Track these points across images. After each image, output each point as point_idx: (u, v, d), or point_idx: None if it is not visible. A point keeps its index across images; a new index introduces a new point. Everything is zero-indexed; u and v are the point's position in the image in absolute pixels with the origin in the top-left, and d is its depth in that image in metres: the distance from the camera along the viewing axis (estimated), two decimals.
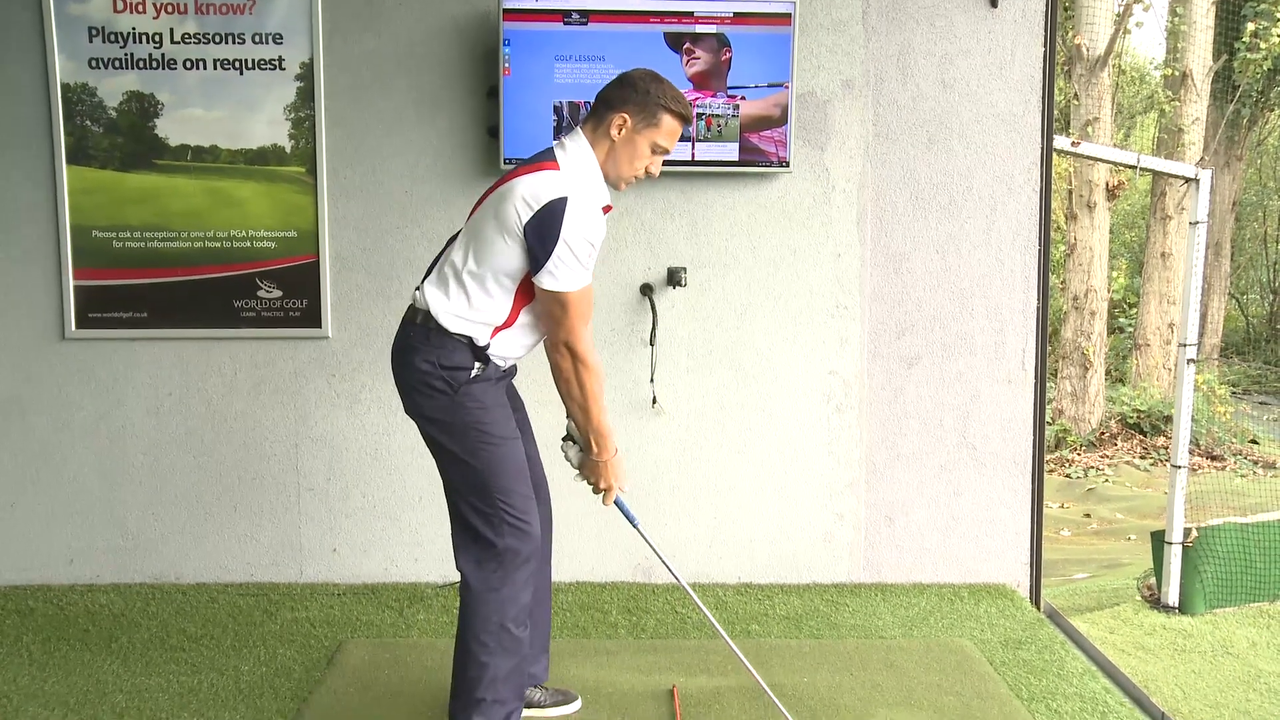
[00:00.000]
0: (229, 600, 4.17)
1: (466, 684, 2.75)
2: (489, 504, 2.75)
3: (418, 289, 2.83)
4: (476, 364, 2.75)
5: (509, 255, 2.68)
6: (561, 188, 2.64)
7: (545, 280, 2.65)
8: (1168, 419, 11.14)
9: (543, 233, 2.62)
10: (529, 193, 2.64)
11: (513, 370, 2.93)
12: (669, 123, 2.76)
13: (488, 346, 2.76)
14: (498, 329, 2.76)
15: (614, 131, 2.76)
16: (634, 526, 3.01)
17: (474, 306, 2.73)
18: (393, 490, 4.32)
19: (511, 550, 2.75)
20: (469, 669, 2.75)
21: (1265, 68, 13.23)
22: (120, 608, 4.08)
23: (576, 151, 2.76)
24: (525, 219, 2.63)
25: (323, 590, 4.28)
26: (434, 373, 2.74)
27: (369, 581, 4.36)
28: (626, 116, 2.75)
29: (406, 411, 2.84)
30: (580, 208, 2.64)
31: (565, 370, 2.77)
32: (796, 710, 3.20)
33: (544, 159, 2.75)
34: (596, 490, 2.93)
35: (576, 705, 3.22)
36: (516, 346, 2.84)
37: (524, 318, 2.80)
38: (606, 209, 2.78)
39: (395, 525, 4.34)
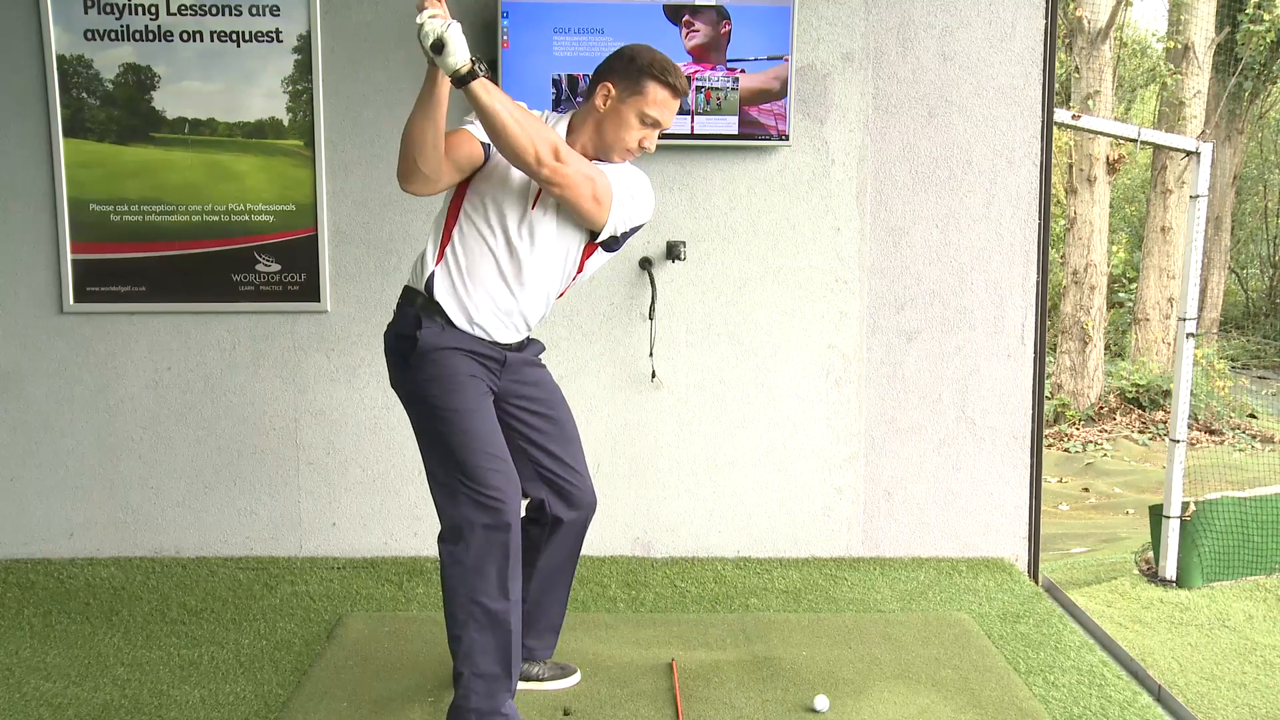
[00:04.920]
0: (229, 574, 4.18)
1: (451, 656, 2.77)
2: (446, 476, 2.73)
3: None
4: (418, 330, 2.72)
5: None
6: None
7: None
8: (1166, 393, 11.16)
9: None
10: None
11: (495, 351, 2.82)
12: (655, 91, 2.73)
13: (431, 287, 2.73)
14: (439, 255, 2.75)
15: (600, 101, 2.75)
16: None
17: (425, 245, 2.80)
18: (392, 464, 4.32)
19: (468, 522, 2.69)
20: (449, 642, 2.76)
21: (1268, 40, 13.18)
22: (121, 581, 4.10)
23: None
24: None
25: (322, 564, 4.29)
26: (392, 344, 2.81)
27: (368, 555, 4.37)
28: (611, 85, 2.74)
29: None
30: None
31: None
32: (795, 684, 3.21)
33: None
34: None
35: (575, 679, 3.23)
36: (466, 289, 2.74)
37: (461, 237, 2.75)
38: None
39: (394, 499, 4.35)
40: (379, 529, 4.37)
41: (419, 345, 2.72)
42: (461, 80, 2.48)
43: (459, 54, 2.44)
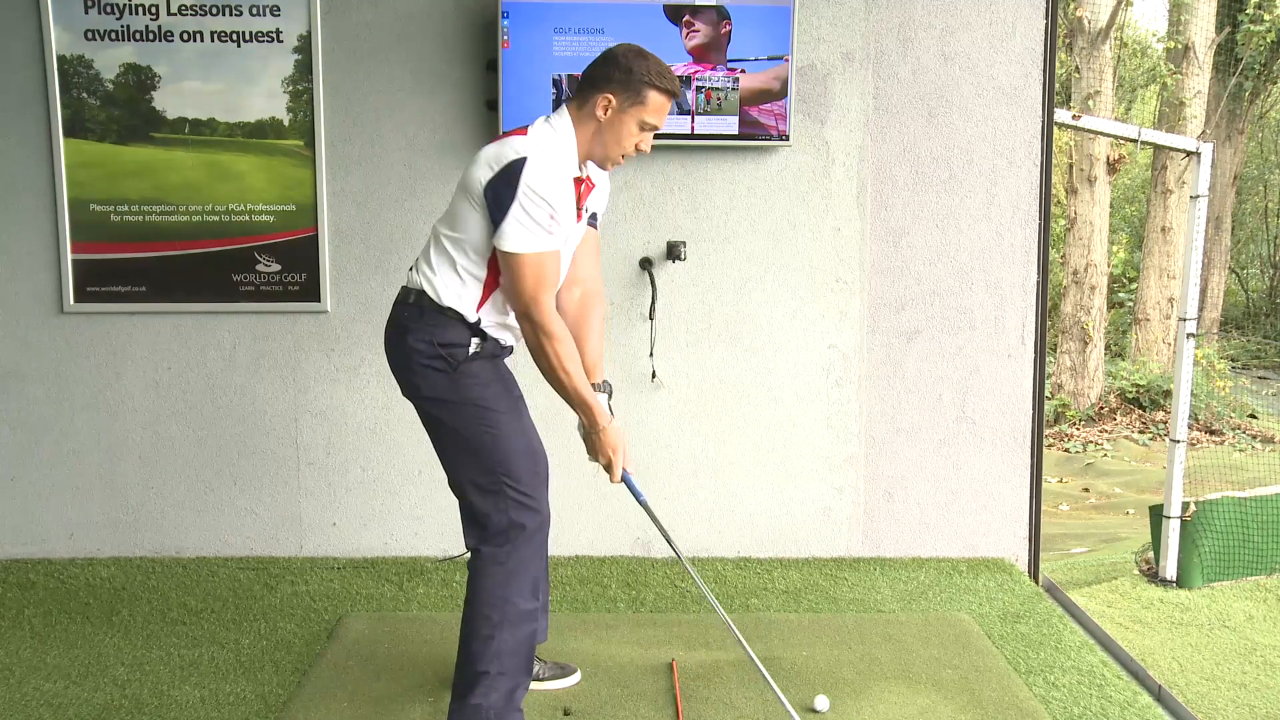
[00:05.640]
0: (229, 574, 4.18)
1: (471, 656, 2.75)
2: (492, 480, 2.75)
3: (411, 268, 2.83)
4: (474, 340, 2.75)
5: (475, 222, 2.68)
6: (522, 150, 2.63)
7: (501, 241, 2.62)
8: (1167, 394, 11.16)
9: (499, 193, 2.61)
10: (492, 156, 2.66)
11: (511, 349, 2.92)
12: (655, 99, 2.72)
13: (479, 321, 2.76)
14: (481, 301, 2.75)
15: (600, 112, 2.72)
16: (640, 503, 2.97)
17: (458, 278, 2.74)
18: (392, 464, 4.32)
19: (516, 525, 2.75)
20: (474, 642, 2.75)
21: (1269, 40, 13.18)
22: (121, 581, 4.09)
23: (556, 124, 2.76)
24: (485, 181, 2.63)
25: (322, 564, 4.29)
26: (430, 351, 2.74)
27: (368, 555, 4.37)
28: (611, 96, 2.71)
29: (404, 393, 2.85)
30: (538, 167, 2.61)
31: (530, 341, 2.72)
32: (795, 684, 3.21)
33: (518, 129, 2.76)
34: (606, 467, 2.90)
35: (576, 678, 3.23)
36: (506, 320, 2.83)
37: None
38: (580, 181, 2.78)
39: (395, 499, 4.35)
40: (379, 529, 4.37)
41: (483, 351, 2.76)
42: None
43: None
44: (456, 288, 2.74)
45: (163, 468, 4.31)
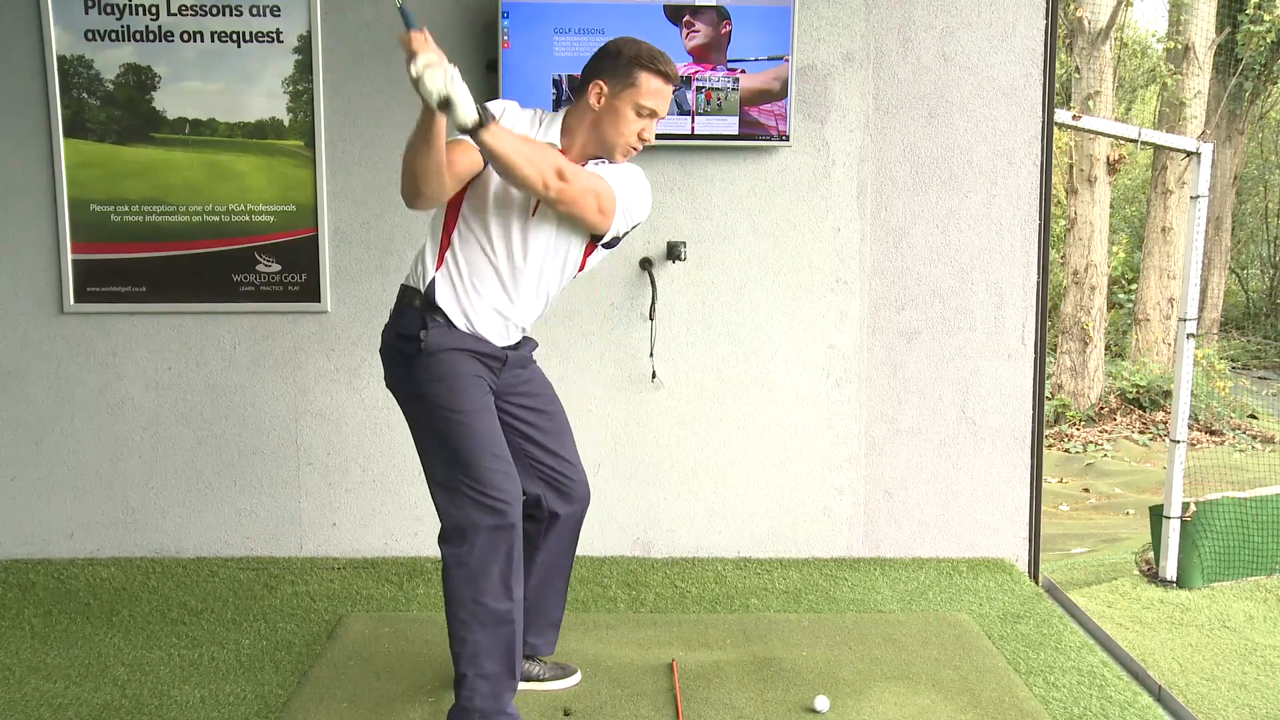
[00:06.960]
0: (229, 574, 4.18)
1: (454, 659, 2.77)
2: (449, 477, 2.74)
3: None
4: (422, 331, 2.72)
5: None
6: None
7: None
8: (1167, 394, 11.15)
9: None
10: None
11: (497, 351, 2.82)
12: (647, 80, 2.71)
13: (432, 292, 2.72)
14: (439, 260, 2.74)
15: (594, 100, 2.73)
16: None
17: (424, 247, 2.79)
18: (392, 464, 4.32)
19: (472, 524, 2.70)
20: (453, 644, 2.76)
21: (1269, 40, 13.19)
22: (121, 581, 4.09)
23: (549, 114, 2.83)
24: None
25: (322, 564, 4.29)
26: (393, 344, 2.80)
27: (369, 555, 4.37)
28: (602, 82, 2.72)
29: (386, 384, 2.91)
30: (501, 101, 2.76)
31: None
32: (795, 684, 3.21)
33: None
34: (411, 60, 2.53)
35: (575, 679, 3.22)
36: (467, 294, 2.74)
37: (461, 242, 2.73)
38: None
39: (395, 499, 4.35)
40: (379, 529, 4.37)
41: (425, 346, 2.72)
42: (471, 131, 2.45)
43: (466, 109, 2.40)
44: (420, 258, 2.79)
45: (163, 468, 4.31)
